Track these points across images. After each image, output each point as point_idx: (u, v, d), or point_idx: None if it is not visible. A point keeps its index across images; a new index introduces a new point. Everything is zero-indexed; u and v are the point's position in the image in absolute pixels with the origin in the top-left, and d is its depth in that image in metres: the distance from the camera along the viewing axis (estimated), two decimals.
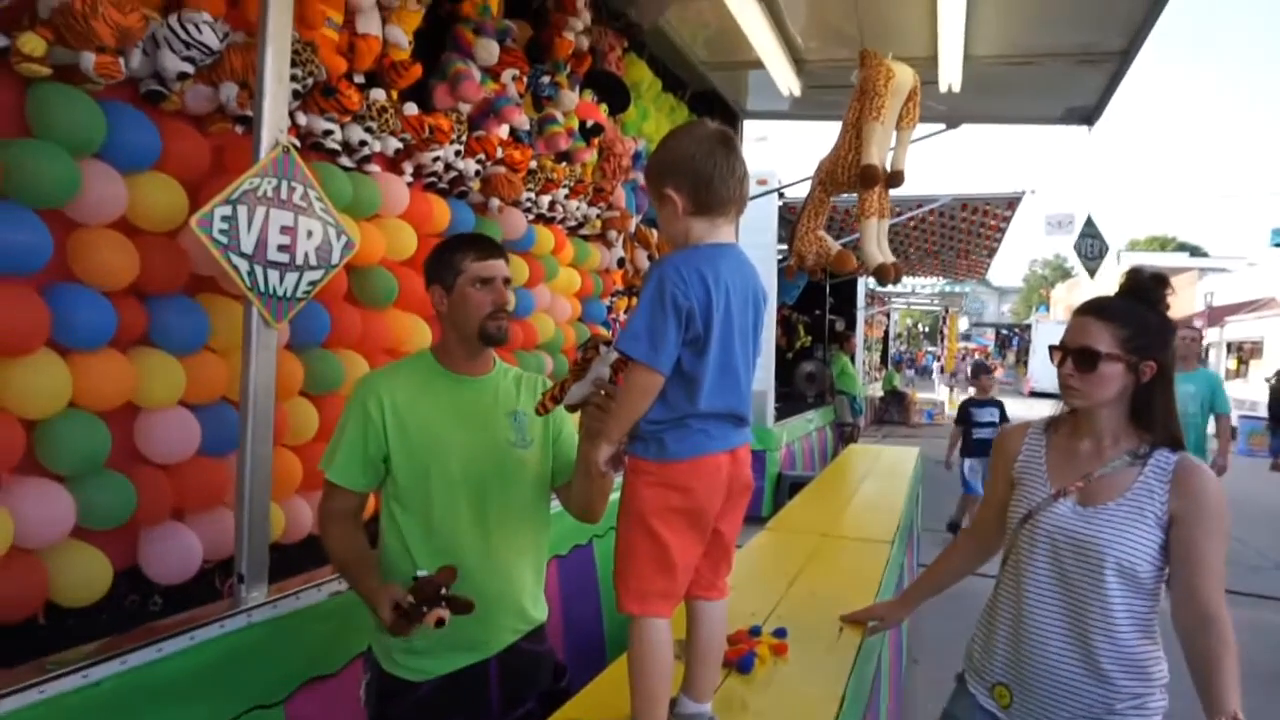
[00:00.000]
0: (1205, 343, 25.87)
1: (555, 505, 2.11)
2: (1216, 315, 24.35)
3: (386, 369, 2.03)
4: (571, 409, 1.71)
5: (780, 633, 2.20)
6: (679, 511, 1.53)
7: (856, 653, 2.14)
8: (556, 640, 3.10)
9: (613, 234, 4.62)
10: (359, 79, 2.76)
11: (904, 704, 3.97)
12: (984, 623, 1.94)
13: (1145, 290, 1.77)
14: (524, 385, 2.06)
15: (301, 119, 2.57)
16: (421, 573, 1.76)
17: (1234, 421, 17.16)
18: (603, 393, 1.64)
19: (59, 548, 1.91)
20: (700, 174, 1.54)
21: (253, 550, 2.04)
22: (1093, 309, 1.77)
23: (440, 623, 1.70)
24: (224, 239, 1.98)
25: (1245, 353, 20.12)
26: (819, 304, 12.73)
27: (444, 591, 1.74)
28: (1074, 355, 1.74)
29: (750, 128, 6.97)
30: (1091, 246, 11.25)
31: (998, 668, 1.85)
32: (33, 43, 1.80)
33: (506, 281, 1.97)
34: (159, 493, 2.11)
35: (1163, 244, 56.45)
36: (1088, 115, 5.80)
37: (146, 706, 1.69)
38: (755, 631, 2.21)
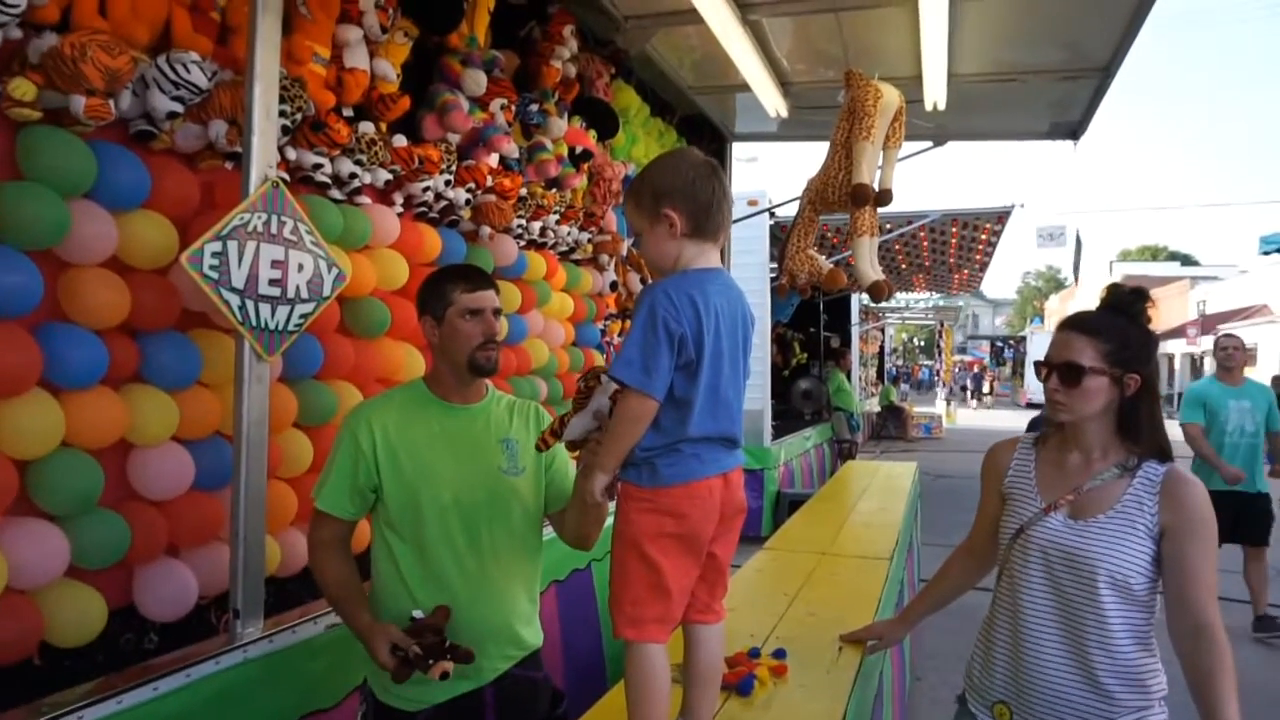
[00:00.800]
0: (1199, 351, 25.99)
1: (548, 531, 2.11)
2: (1209, 324, 24.46)
3: (378, 398, 2.06)
4: (572, 446, 1.72)
5: (779, 654, 2.20)
6: (673, 537, 1.53)
7: (857, 672, 2.14)
8: (555, 666, 3.09)
9: (604, 258, 4.64)
10: (348, 113, 2.78)
11: None
12: (982, 641, 1.94)
13: (1125, 304, 1.79)
14: (516, 412, 2.10)
15: (291, 153, 2.59)
16: (417, 614, 1.79)
17: None
18: (601, 428, 1.65)
19: (53, 588, 1.90)
20: (699, 198, 1.57)
21: (248, 585, 2.03)
22: (1075, 324, 1.79)
23: (445, 675, 1.73)
24: (215, 275, 1.99)
25: None
26: (814, 321, 12.76)
27: (447, 642, 1.77)
28: (1058, 370, 1.76)
29: (739, 149, 7.03)
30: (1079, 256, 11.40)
31: (997, 686, 1.84)
32: (23, 88, 1.82)
33: (497, 312, 2.01)
34: (153, 529, 2.10)
35: (1154, 253, 56.77)
36: (1073, 130, 5.85)
37: None
38: (754, 653, 2.20)
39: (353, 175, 2.79)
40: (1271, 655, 5.03)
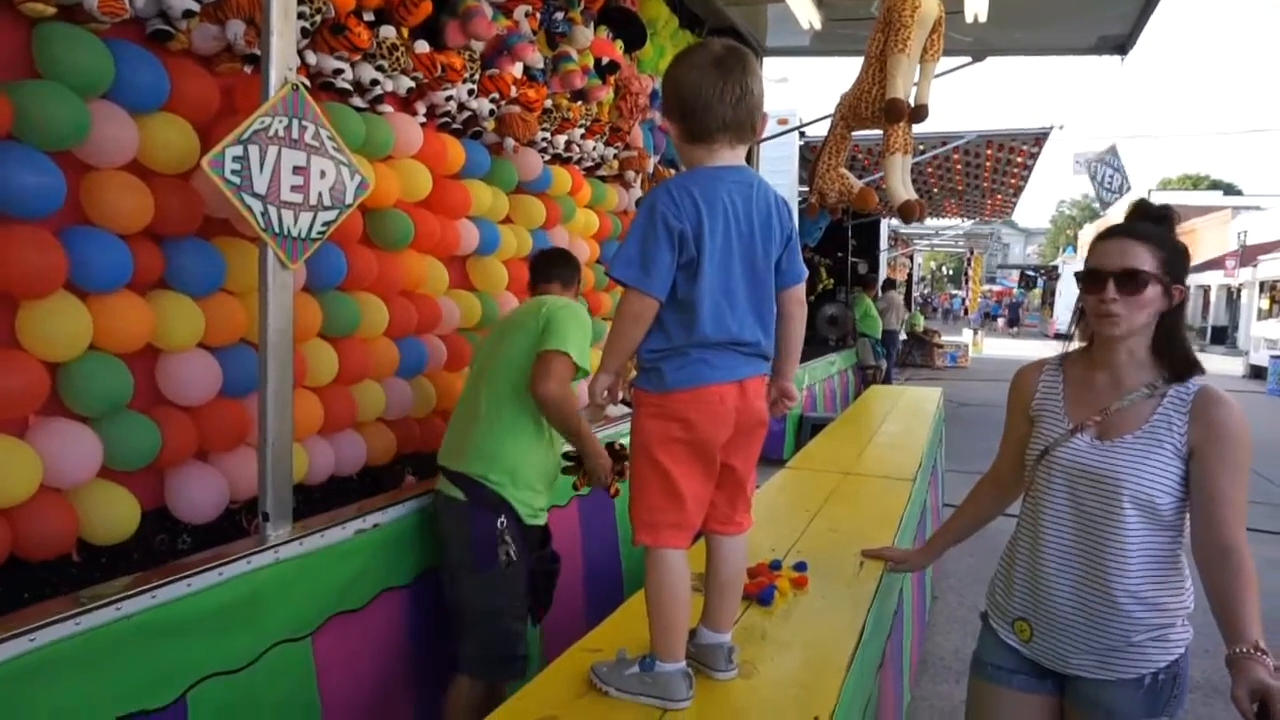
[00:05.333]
0: (1236, 283, 25.40)
1: None
2: (1250, 255, 23.80)
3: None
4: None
5: (801, 566, 2.21)
6: (680, 442, 1.52)
7: (877, 586, 2.15)
8: (575, 579, 3.16)
9: (630, 174, 4.55)
10: (368, 16, 2.70)
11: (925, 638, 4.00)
12: (1004, 561, 1.93)
13: (1161, 217, 1.72)
14: None
15: (311, 58, 2.53)
16: (615, 442, 2.66)
17: (1265, 362, 16.93)
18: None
19: (88, 487, 1.94)
20: (686, 100, 1.51)
21: (276, 489, 2.06)
22: (1128, 231, 1.70)
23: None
24: (236, 179, 1.97)
25: (1278, 292, 19.69)
26: (841, 246, 12.58)
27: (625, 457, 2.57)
28: (1117, 278, 1.66)
29: (771, 68, 6.83)
30: (1111, 178, 10.85)
31: (1017, 603, 1.84)
32: None
33: None
34: (183, 433, 2.14)
35: (1195, 182, 55.02)
36: (1121, 44, 5.60)
37: (177, 639, 1.73)
38: (775, 565, 2.22)
39: (374, 82, 2.73)
40: None
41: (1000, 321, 39.63)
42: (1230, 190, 47.81)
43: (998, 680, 1.87)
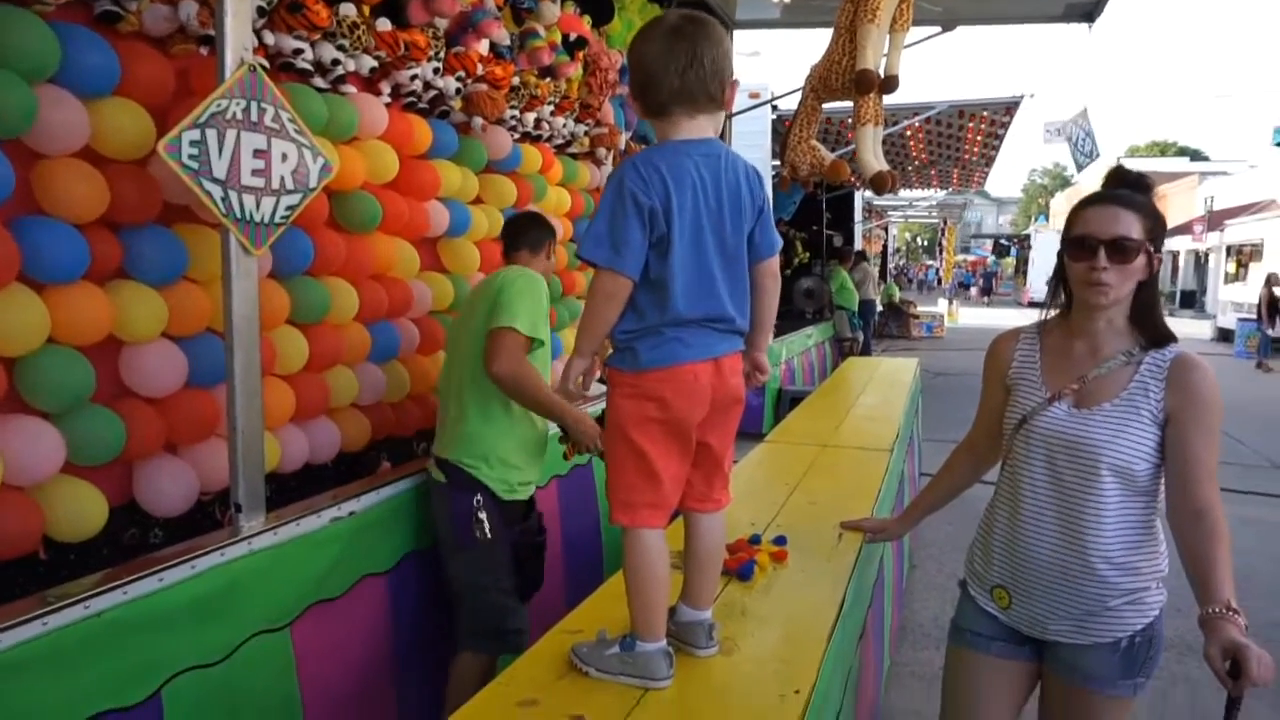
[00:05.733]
0: (1204, 248, 25.72)
1: None
2: (1216, 219, 24.10)
3: (537, 273, 2.56)
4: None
5: (780, 540, 2.21)
6: (655, 422, 1.50)
7: (856, 558, 2.16)
8: (555, 558, 3.15)
9: (602, 151, 4.50)
10: None
11: (904, 607, 4.05)
12: (982, 529, 1.94)
13: (1138, 183, 1.72)
14: None
15: (269, 38, 2.46)
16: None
17: (1232, 325, 17.20)
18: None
19: (52, 484, 1.90)
20: (640, 72, 1.49)
21: (248, 479, 2.03)
22: (1116, 198, 1.69)
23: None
24: (194, 164, 1.91)
25: (1245, 255, 19.96)
26: (816, 219, 12.57)
27: None
28: (1108, 246, 1.64)
29: (742, 42, 6.78)
30: (1084, 141, 11.02)
31: (995, 570, 1.86)
32: None
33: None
34: (149, 426, 2.09)
35: (1163, 149, 55.48)
36: (1088, 11, 5.60)
37: (150, 635, 1.71)
38: (755, 540, 2.22)
39: (335, 62, 2.67)
40: (1254, 527, 5.11)
41: (973, 290, 39.96)
42: (1197, 156, 48.28)
43: (976, 647, 1.89)
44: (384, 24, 2.84)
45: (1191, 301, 27.67)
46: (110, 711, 1.62)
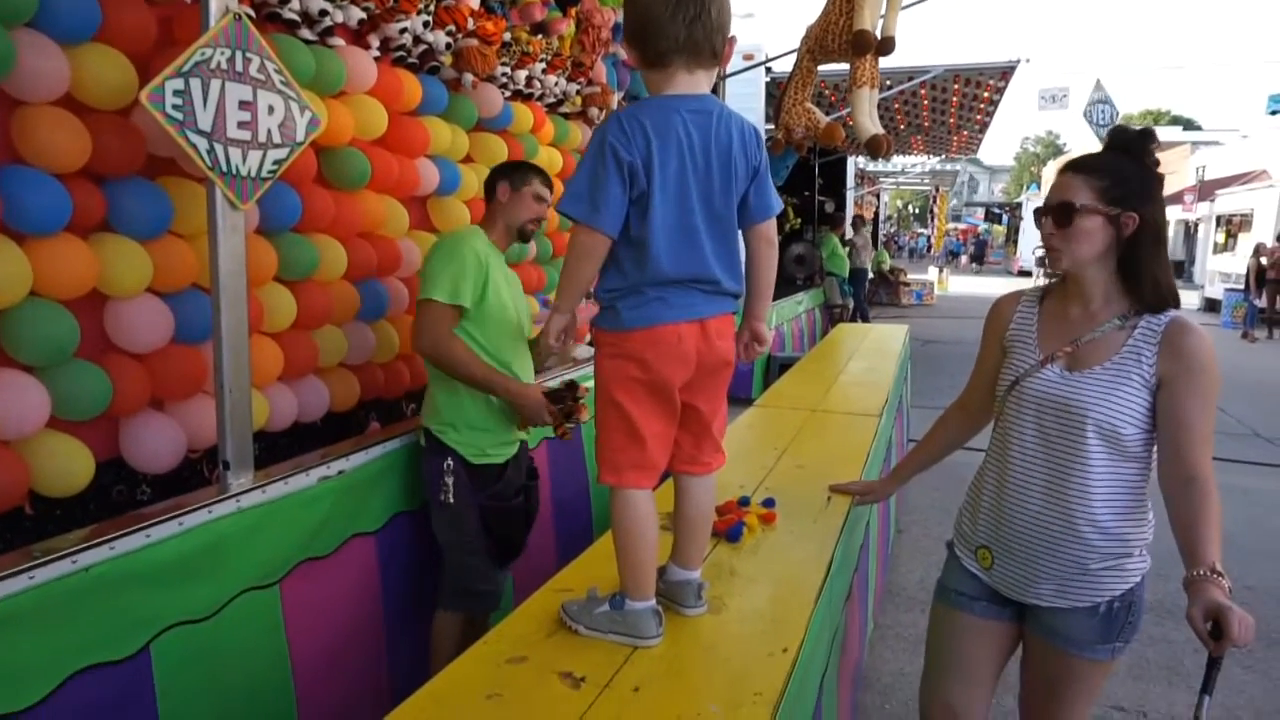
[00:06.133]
0: (1194, 218, 25.75)
1: None
2: (1208, 189, 24.09)
3: (468, 231, 2.55)
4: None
5: (769, 503, 2.23)
6: (637, 381, 1.49)
7: (844, 520, 2.17)
8: (545, 519, 3.16)
9: (594, 111, 4.44)
10: None
11: (889, 569, 4.09)
12: (971, 490, 1.95)
13: (1128, 144, 1.71)
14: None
15: None
16: (562, 380, 2.65)
17: (1219, 294, 17.27)
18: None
19: (37, 438, 1.88)
20: (640, 22, 1.45)
21: (236, 437, 2.02)
22: (1070, 165, 1.74)
23: (567, 434, 2.64)
24: (178, 115, 1.87)
25: (1234, 226, 19.99)
26: (808, 185, 12.50)
27: (579, 396, 2.57)
28: (1052, 212, 1.71)
29: (737, 3, 6.65)
30: (1103, 112, 10.94)
31: (981, 531, 1.87)
32: None
33: (547, 206, 2.64)
34: (135, 382, 2.07)
35: (1156, 118, 55.26)
36: None
37: (138, 591, 1.70)
38: (744, 502, 2.23)
39: (323, 12, 2.60)
40: (1236, 494, 5.19)
41: (963, 259, 39.97)
42: (1190, 125, 48.17)
43: (959, 606, 1.91)
44: None
45: (1180, 272, 27.74)
46: (99, 665, 1.63)
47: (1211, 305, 18.62)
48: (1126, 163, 1.69)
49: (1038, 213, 1.78)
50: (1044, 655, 1.81)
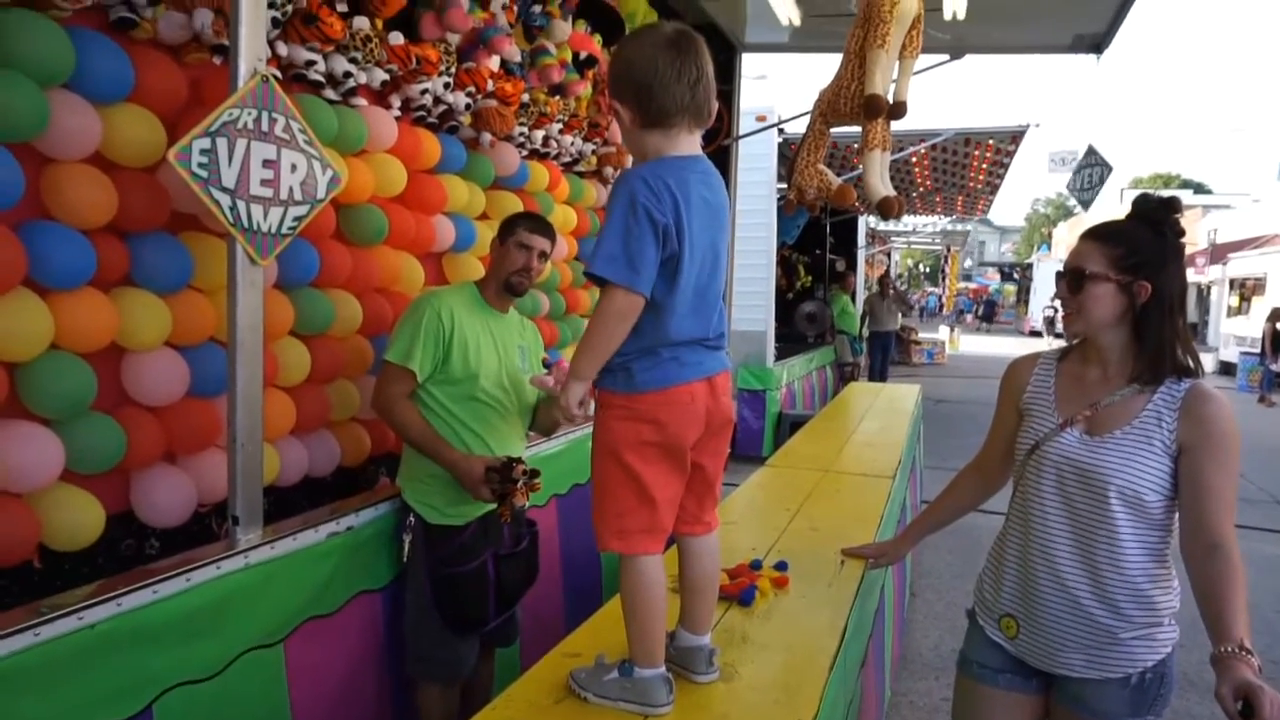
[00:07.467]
0: (1206, 280, 25.76)
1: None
2: (1220, 253, 24.15)
3: (448, 289, 2.54)
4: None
5: (781, 566, 2.19)
6: (652, 445, 1.46)
7: (859, 585, 2.14)
8: (554, 577, 3.12)
9: (609, 170, 4.51)
10: (341, 7, 2.64)
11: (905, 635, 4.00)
12: (993, 557, 1.92)
13: (1149, 213, 1.72)
14: (524, 325, 2.72)
15: (282, 49, 2.47)
16: (507, 457, 2.37)
17: (1234, 358, 17.18)
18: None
19: (49, 491, 1.88)
20: (641, 83, 1.43)
21: (246, 492, 2.01)
22: (1089, 232, 1.76)
23: (525, 498, 2.38)
24: (204, 173, 1.91)
25: (1248, 289, 19.98)
26: (819, 243, 12.60)
27: (526, 476, 2.34)
28: (1066, 278, 1.74)
29: (749, 65, 6.77)
30: (1089, 176, 11.04)
31: (1005, 599, 1.84)
32: None
33: (543, 256, 2.57)
34: (149, 435, 2.07)
35: (1166, 181, 55.71)
36: (1097, 43, 5.62)
37: (143, 648, 1.68)
38: (756, 565, 2.20)
39: (347, 74, 2.67)
40: (1255, 563, 5.07)
41: (969, 317, 40.03)
42: (1200, 189, 48.47)
43: (983, 679, 1.87)
44: (396, 38, 2.85)
45: (1194, 334, 27.60)
46: None
47: (1226, 369, 18.51)
48: (1145, 231, 1.70)
49: (1057, 276, 1.81)
50: None
